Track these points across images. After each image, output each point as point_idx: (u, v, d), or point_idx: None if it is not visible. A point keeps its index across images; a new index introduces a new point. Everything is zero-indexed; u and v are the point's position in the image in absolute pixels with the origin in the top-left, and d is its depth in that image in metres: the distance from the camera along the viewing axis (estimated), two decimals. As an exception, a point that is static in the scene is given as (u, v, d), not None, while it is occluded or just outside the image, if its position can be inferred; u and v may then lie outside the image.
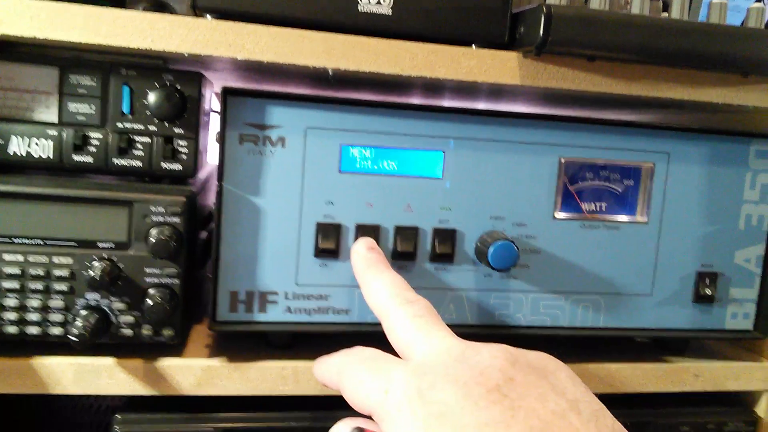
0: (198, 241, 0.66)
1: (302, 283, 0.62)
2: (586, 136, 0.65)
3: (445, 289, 0.64)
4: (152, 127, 0.62)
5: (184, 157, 0.63)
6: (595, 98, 0.72)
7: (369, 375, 0.44)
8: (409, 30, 0.60)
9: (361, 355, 0.48)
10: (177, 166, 0.63)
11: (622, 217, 0.67)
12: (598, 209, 0.66)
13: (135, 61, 0.62)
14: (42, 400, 0.82)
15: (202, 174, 0.74)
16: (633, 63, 0.63)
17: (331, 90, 0.85)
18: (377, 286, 0.52)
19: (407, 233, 0.62)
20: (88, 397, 0.61)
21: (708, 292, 0.69)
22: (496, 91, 0.74)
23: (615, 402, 0.71)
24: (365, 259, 0.57)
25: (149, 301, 0.58)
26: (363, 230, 0.62)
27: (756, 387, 0.73)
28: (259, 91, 0.58)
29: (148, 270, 0.59)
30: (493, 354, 0.43)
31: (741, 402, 0.76)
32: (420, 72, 0.59)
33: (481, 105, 1.01)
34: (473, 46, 0.61)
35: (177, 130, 0.62)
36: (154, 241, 0.57)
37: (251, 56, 0.57)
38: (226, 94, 0.58)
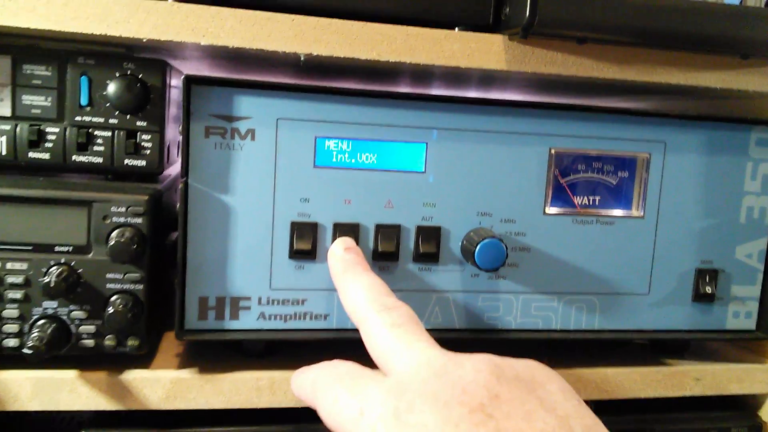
0: (167, 243, 0.61)
1: (277, 287, 0.57)
2: (577, 125, 0.61)
3: (429, 291, 0.60)
4: (113, 120, 0.58)
5: (148, 152, 0.58)
6: (585, 84, 0.69)
7: (344, 393, 0.41)
8: (386, 12, 0.56)
9: (337, 370, 0.44)
10: (141, 162, 0.58)
11: (617, 212, 0.63)
12: (591, 203, 0.62)
13: (94, 49, 0.57)
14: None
15: (172, 170, 0.69)
16: (626, 46, 0.59)
17: (311, 79, 0.81)
18: (354, 290, 0.49)
19: (388, 232, 0.58)
20: (50, 412, 0.56)
21: (708, 290, 0.65)
22: (486, 79, 0.70)
23: (612, 408, 0.68)
24: (342, 261, 0.53)
25: (111, 309, 0.54)
26: (341, 229, 0.57)
27: (760, 390, 0.69)
28: (225, 79, 0.54)
29: (109, 275, 0.55)
30: (477, 367, 0.39)
31: (745, 406, 0.72)
32: (399, 57, 0.55)
33: (471, 94, 0.98)
34: (456, 29, 0.57)
35: (140, 123, 0.58)
36: (113, 244, 0.52)
37: (215, 41, 0.53)
38: (190, 82, 0.53)
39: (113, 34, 0.51)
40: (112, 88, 0.57)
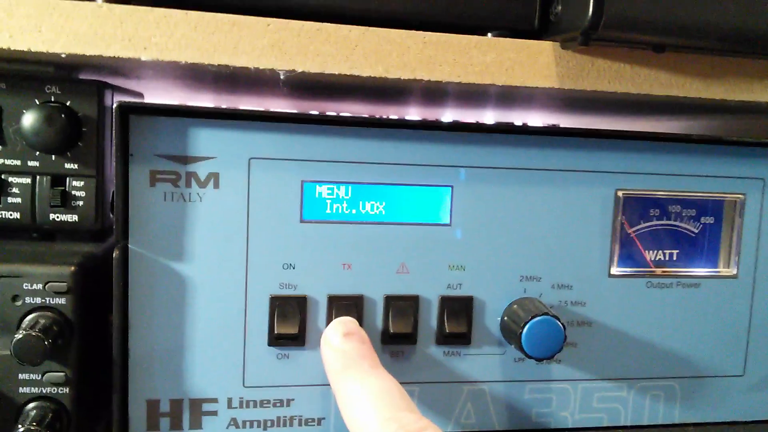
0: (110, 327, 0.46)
1: (253, 384, 0.43)
2: (649, 160, 0.46)
3: (459, 383, 0.45)
4: (33, 163, 0.44)
5: (81, 203, 0.44)
6: (652, 103, 0.54)
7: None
8: (396, 13, 0.41)
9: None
10: (71, 217, 0.44)
11: (702, 270, 0.48)
12: (667, 259, 0.47)
13: (8, 69, 0.43)
14: None
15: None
16: (716, 54, 0.44)
17: (304, 100, 0.66)
18: (359, 398, 0.36)
19: (403, 305, 0.44)
20: None
21: (817, 367, 0.50)
22: (504, 97, 0.55)
23: None
24: (341, 355, 0.39)
25: (22, 424, 0.39)
26: (339, 303, 0.43)
27: None
28: (176, 107, 0.40)
29: (22, 377, 0.40)
30: None
31: None
32: (413, 73, 0.41)
33: (488, 116, 0.83)
34: (488, 34, 0.42)
35: (69, 166, 0.44)
36: (19, 338, 0.37)
37: (161, 56, 0.38)
38: (126, 112, 0.39)
39: (17, 47, 0.37)
40: (29, 120, 0.42)
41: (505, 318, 0.44)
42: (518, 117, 0.86)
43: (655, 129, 0.82)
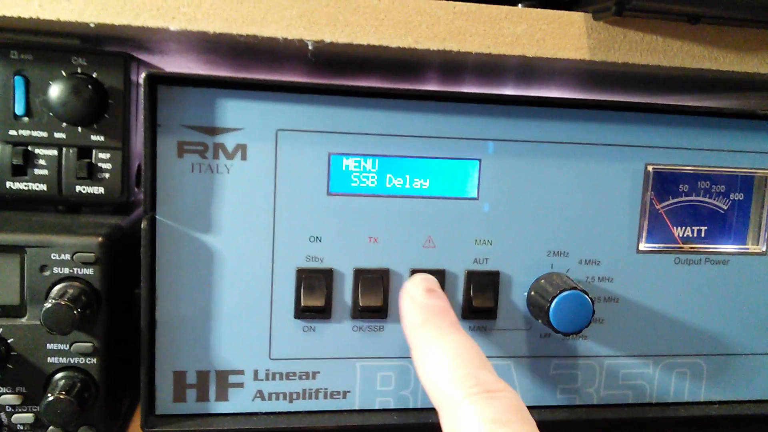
0: (136, 298, 0.46)
1: (279, 357, 0.43)
2: (680, 134, 0.45)
3: (484, 358, 0.45)
4: (59, 135, 0.44)
5: (107, 175, 0.44)
6: (681, 78, 0.53)
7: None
8: (425, -18, 0.41)
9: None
10: (98, 189, 0.44)
11: (730, 247, 0.47)
12: (695, 236, 0.47)
13: (33, 41, 0.43)
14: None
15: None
16: (751, 26, 0.43)
17: (322, 77, 0.66)
18: (436, 354, 0.35)
19: (429, 279, 0.43)
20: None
21: None
22: (527, 72, 0.54)
23: None
24: (422, 309, 0.38)
25: (53, 391, 0.39)
26: (365, 277, 0.43)
27: None
28: (204, 77, 0.39)
29: (51, 346, 0.40)
30: None
31: None
32: (443, 44, 0.40)
33: (508, 92, 0.82)
34: (520, 5, 0.42)
35: (95, 138, 0.44)
36: (49, 308, 0.37)
37: (190, 26, 0.38)
38: (154, 82, 0.39)
39: (46, 17, 0.37)
40: (56, 91, 0.42)
41: (533, 293, 0.44)
42: (539, 93, 0.85)
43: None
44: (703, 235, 0.47)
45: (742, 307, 0.48)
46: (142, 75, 0.45)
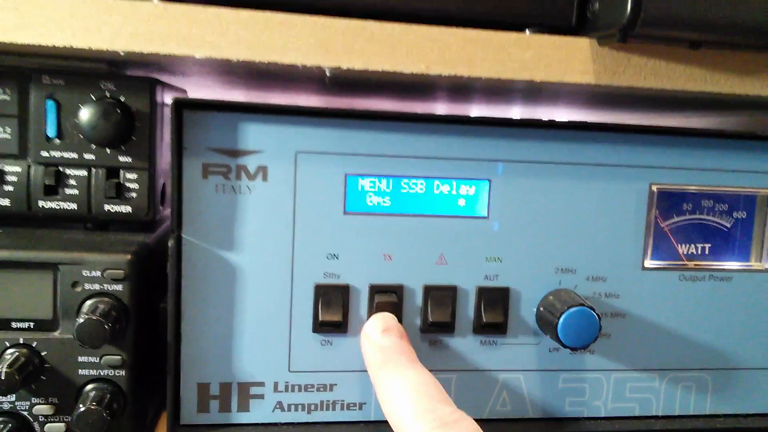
0: (162, 312, 0.48)
1: (298, 369, 0.44)
2: (684, 154, 0.47)
3: (494, 372, 0.47)
4: (89, 156, 0.46)
5: (135, 194, 0.46)
6: (682, 100, 0.54)
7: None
8: (435, 11, 0.43)
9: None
10: (125, 208, 0.46)
11: (734, 264, 0.49)
12: (699, 253, 0.48)
13: (64, 66, 0.45)
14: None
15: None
16: (752, 50, 0.45)
17: (335, 98, 0.68)
18: (396, 392, 0.37)
19: (441, 295, 0.45)
20: None
21: None
22: (531, 93, 0.56)
23: None
24: (380, 350, 0.41)
25: (84, 402, 0.41)
26: (380, 293, 0.44)
27: None
28: (228, 103, 0.41)
29: (82, 359, 0.42)
30: None
31: None
32: (454, 69, 0.42)
33: (515, 111, 0.84)
34: (527, 31, 0.43)
35: (123, 159, 0.46)
36: (82, 323, 0.39)
37: (214, 53, 0.40)
38: (180, 108, 0.41)
39: (79, 45, 0.39)
40: (86, 114, 0.44)
41: (541, 308, 0.45)
42: (545, 113, 0.86)
43: (682, 125, 0.82)
44: (707, 252, 0.49)
45: (746, 322, 0.49)
46: (167, 98, 0.47)
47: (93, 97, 0.45)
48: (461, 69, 0.42)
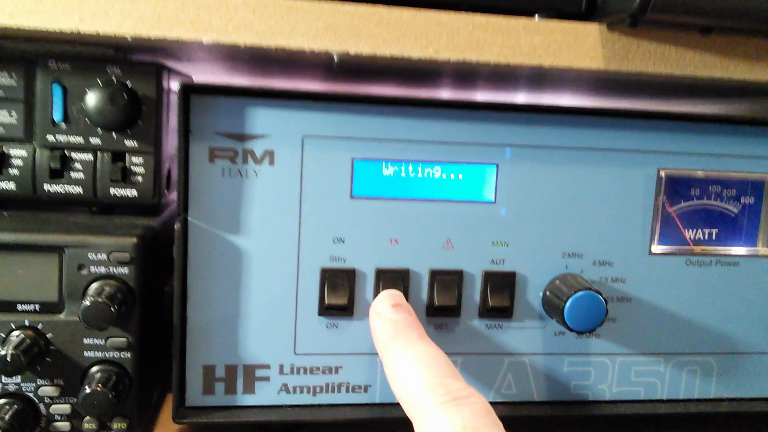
0: (166, 295, 0.48)
1: (303, 352, 0.45)
2: (692, 140, 0.47)
3: (500, 355, 0.47)
4: (95, 140, 0.46)
5: (140, 178, 0.46)
6: (691, 86, 0.54)
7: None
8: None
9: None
10: (131, 192, 0.46)
11: (740, 249, 0.49)
12: (706, 238, 0.48)
13: (70, 51, 0.45)
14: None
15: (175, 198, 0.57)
16: (762, 36, 0.45)
17: (341, 85, 0.67)
18: (407, 366, 0.36)
19: (447, 279, 0.45)
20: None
21: None
22: (536, 79, 0.56)
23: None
24: (390, 324, 0.40)
25: (90, 384, 0.41)
26: (386, 277, 0.44)
27: None
28: (234, 87, 0.41)
29: (87, 341, 0.43)
30: None
31: None
32: (462, 54, 0.42)
33: (518, 97, 0.83)
34: (536, 16, 0.43)
35: (129, 143, 0.46)
36: (87, 305, 0.39)
37: (222, 38, 0.40)
38: (188, 92, 0.41)
39: (86, 30, 0.39)
40: (92, 99, 0.44)
41: (548, 293, 0.45)
42: (551, 99, 0.86)
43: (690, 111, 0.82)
44: (714, 237, 0.49)
45: (752, 307, 0.49)
46: (173, 83, 0.47)
47: (100, 82, 0.45)
48: (470, 54, 0.42)
